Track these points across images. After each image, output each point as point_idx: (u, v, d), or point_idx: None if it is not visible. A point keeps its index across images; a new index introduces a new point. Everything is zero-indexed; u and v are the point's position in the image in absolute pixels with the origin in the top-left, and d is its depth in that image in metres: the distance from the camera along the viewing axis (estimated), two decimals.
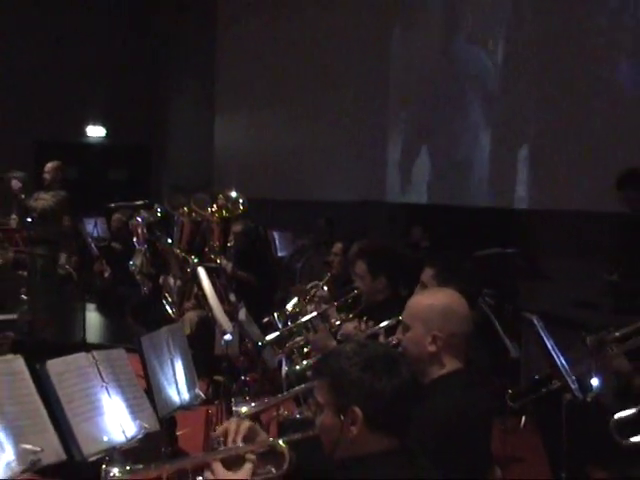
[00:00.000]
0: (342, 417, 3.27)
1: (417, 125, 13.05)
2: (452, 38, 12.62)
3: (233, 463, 3.45)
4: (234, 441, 3.58)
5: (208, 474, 3.43)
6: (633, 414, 5.40)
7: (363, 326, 6.47)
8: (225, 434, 3.63)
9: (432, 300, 4.45)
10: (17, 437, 4.39)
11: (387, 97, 13.51)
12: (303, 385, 5.43)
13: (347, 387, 3.27)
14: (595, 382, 5.97)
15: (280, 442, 3.58)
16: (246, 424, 3.64)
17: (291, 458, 3.55)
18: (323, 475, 3.54)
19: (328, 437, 3.36)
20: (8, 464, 4.30)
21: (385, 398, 3.25)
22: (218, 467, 3.40)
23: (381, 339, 5.43)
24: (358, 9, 14.08)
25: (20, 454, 4.35)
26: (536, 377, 6.68)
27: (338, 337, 6.72)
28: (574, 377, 5.89)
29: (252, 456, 3.48)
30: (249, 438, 3.60)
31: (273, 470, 3.56)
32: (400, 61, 13.41)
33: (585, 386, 5.93)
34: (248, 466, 3.43)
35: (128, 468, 3.52)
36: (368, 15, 13.89)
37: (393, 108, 13.46)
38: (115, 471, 3.50)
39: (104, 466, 3.52)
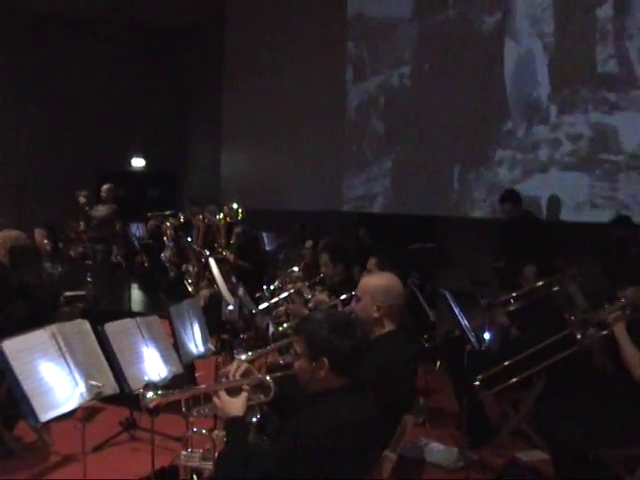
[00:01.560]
0: (314, 364, 3.32)
1: (362, 155, 13.03)
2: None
3: (233, 392, 3.51)
4: (234, 376, 3.64)
5: (215, 399, 3.50)
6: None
7: (327, 299, 6.53)
8: (228, 372, 3.70)
9: (377, 280, 4.48)
10: (86, 376, 4.42)
11: (343, 136, 13.50)
12: (284, 340, 5.46)
13: (318, 343, 3.33)
14: (487, 335, 6.03)
15: (267, 378, 3.66)
16: (244, 365, 3.70)
17: (275, 390, 3.62)
18: (296, 400, 3.58)
19: (303, 377, 3.41)
20: (81, 394, 4.32)
21: (345, 351, 3.31)
22: (223, 394, 3.48)
23: (339, 308, 5.42)
24: (320, 72, 14.07)
25: (89, 387, 4.37)
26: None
27: (309, 306, 6.75)
28: (473, 333, 5.94)
29: (247, 387, 3.55)
30: (245, 375, 3.65)
31: (262, 397, 3.65)
32: (351, 106, 13.39)
33: (480, 339, 5.98)
34: (244, 394, 3.51)
35: (160, 392, 3.57)
36: (328, 76, 13.89)
37: (346, 144, 13.45)
38: (150, 394, 3.55)
39: (141, 390, 3.58)
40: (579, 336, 4.85)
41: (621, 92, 8.43)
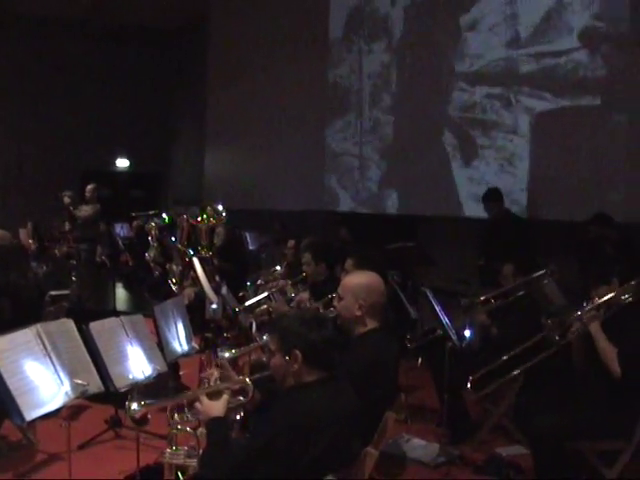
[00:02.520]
0: (287, 358, 3.38)
1: (344, 155, 13.07)
2: None
3: (214, 396, 3.59)
4: (214, 382, 3.71)
5: (197, 404, 3.59)
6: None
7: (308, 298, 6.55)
8: (209, 377, 3.78)
9: (359, 279, 4.51)
10: (71, 375, 4.41)
11: (325, 136, 13.53)
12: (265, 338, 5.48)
13: (290, 337, 3.41)
14: (467, 333, 6.06)
15: (247, 380, 3.72)
16: (223, 370, 3.77)
17: (254, 391, 3.70)
18: (275, 400, 3.62)
19: (278, 373, 3.48)
20: (67, 393, 4.32)
21: (317, 343, 3.38)
22: (204, 399, 3.56)
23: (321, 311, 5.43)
24: (303, 73, 14.08)
25: (74, 386, 4.37)
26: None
27: (292, 305, 6.76)
28: (454, 331, 5.97)
29: (227, 391, 3.63)
30: (225, 379, 3.73)
31: (242, 399, 3.71)
32: (333, 106, 13.42)
33: (461, 337, 6.01)
34: (225, 397, 3.59)
35: (143, 403, 3.64)
36: (311, 76, 13.91)
37: (328, 144, 13.47)
38: (135, 405, 3.62)
39: (127, 403, 3.64)
40: (557, 338, 4.89)
41: None
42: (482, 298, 6.40)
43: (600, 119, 8.73)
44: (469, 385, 5.51)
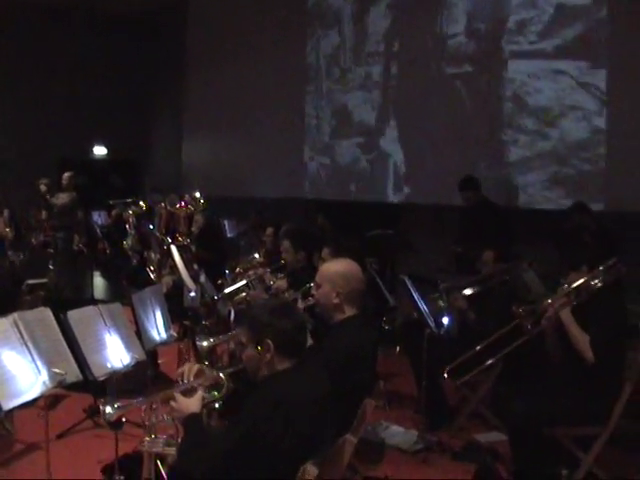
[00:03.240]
0: (259, 348, 3.39)
1: (323, 143, 13.08)
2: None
3: (189, 393, 3.58)
4: (188, 378, 3.70)
5: (172, 402, 3.56)
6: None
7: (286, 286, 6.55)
8: (182, 374, 3.76)
9: (337, 267, 4.51)
10: (49, 364, 4.40)
11: (303, 124, 13.53)
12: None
13: (261, 327, 3.41)
14: (446, 320, 6.09)
15: (221, 375, 3.73)
16: (195, 366, 3.77)
17: (229, 385, 3.69)
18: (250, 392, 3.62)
19: (251, 365, 3.49)
20: (44, 382, 4.31)
21: (288, 331, 3.40)
22: (179, 397, 3.54)
23: (300, 301, 5.42)
24: (282, 60, 14.06)
25: (51, 375, 4.36)
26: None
27: (270, 293, 6.77)
28: (432, 318, 6.00)
29: (201, 387, 3.63)
30: (199, 375, 3.72)
31: (216, 394, 3.70)
32: (311, 98, 13.43)
33: (439, 324, 6.04)
34: (199, 393, 3.58)
35: (117, 406, 3.58)
36: (289, 63, 13.90)
37: (307, 134, 13.48)
38: (109, 409, 3.57)
39: (101, 407, 3.59)
40: (529, 326, 4.92)
41: None
42: (460, 284, 6.43)
43: None
44: (445, 375, 5.53)
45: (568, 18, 8.97)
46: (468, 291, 6.33)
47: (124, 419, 3.81)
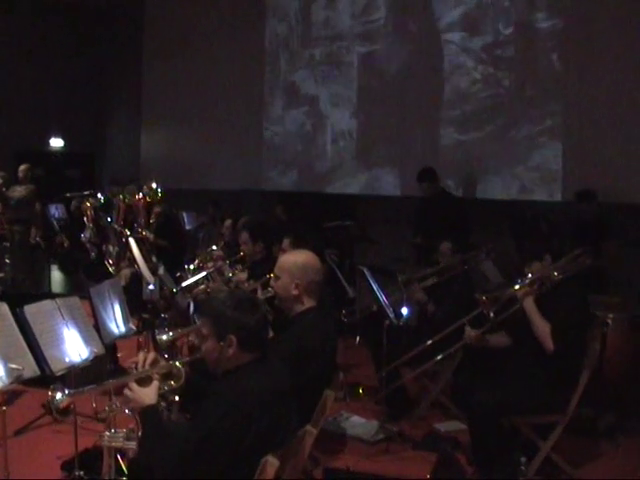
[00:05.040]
0: (222, 343, 3.34)
1: (280, 135, 13.10)
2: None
3: (144, 382, 3.50)
4: (143, 367, 3.63)
5: (127, 391, 3.48)
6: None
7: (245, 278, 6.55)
8: (136, 362, 3.68)
9: (295, 258, 4.50)
10: (5, 360, 4.35)
11: (261, 117, 13.53)
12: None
13: (224, 322, 3.36)
14: (405, 311, 6.12)
15: (177, 364, 3.66)
16: (151, 355, 3.69)
17: (186, 374, 3.64)
18: (207, 384, 3.61)
19: (212, 357, 3.43)
20: (1, 378, 4.28)
21: (252, 327, 3.35)
22: (134, 386, 3.46)
23: (259, 293, 5.42)
24: (239, 51, 14.03)
25: (8, 371, 4.32)
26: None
27: (230, 285, 6.75)
28: (392, 309, 6.03)
29: (157, 376, 3.55)
30: (154, 364, 3.64)
31: (172, 383, 3.64)
32: (270, 88, 13.42)
33: (398, 314, 6.07)
34: (155, 383, 3.50)
35: (67, 392, 3.52)
36: (246, 55, 13.88)
37: (265, 123, 13.48)
38: (59, 395, 3.51)
39: (50, 393, 3.52)
40: (492, 314, 4.96)
41: None
42: (419, 275, 6.48)
43: None
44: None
45: None
46: (426, 283, 6.39)
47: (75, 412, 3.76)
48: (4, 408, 4.39)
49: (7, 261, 11.16)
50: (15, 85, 17.52)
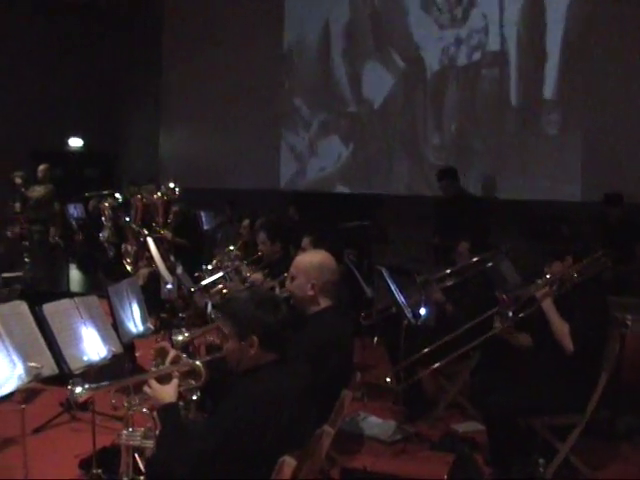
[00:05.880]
0: (243, 343, 3.35)
1: (300, 135, 13.10)
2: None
3: (164, 379, 3.51)
4: (158, 358, 3.67)
5: (146, 388, 3.50)
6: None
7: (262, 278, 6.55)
8: (160, 351, 3.72)
9: (310, 258, 4.52)
10: (24, 358, 4.38)
11: (280, 115, 13.55)
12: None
13: (246, 322, 3.36)
14: (423, 311, 6.11)
15: (197, 363, 3.66)
16: (173, 352, 3.71)
17: (206, 373, 3.63)
18: (228, 383, 3.61)
19: (233, 357, 3.43)
20: (20, 376, 4.30)
21: (273, 327, 3.36)
22: (153, 383, 3.47)
23: (276, 290, 5.44)
24: (259, 51, 14.05)
25: (27, 369, 4.34)
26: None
27: (246, 284, 6.77)
28: (410, 309, 6.02)
29: (177, 374, 3.56)
30: (175, 361, 3.66)
31: (193, 382, 3.65)
32: (287, 90, 13.44)
33: (416, 315, 6.07)
34: (175, 381, 3.51)
35: (87, 387, 3.52)
36: (267, 54, 13.89)
37: (284, 125, 13.49)
38: (79, 389, 3.51)
39: (69, 387, 3.52)
40: (510, 314, 4.94)
41: None
42: (437, 275, 6.46)
43: None
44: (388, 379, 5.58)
45: None
46: (445, 283, 6.37)
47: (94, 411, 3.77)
48: (23, 406, 4.41)
49: (26, 260, 11.25)
50: (34, 85, 17.58)
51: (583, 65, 8.92)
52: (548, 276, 4.97)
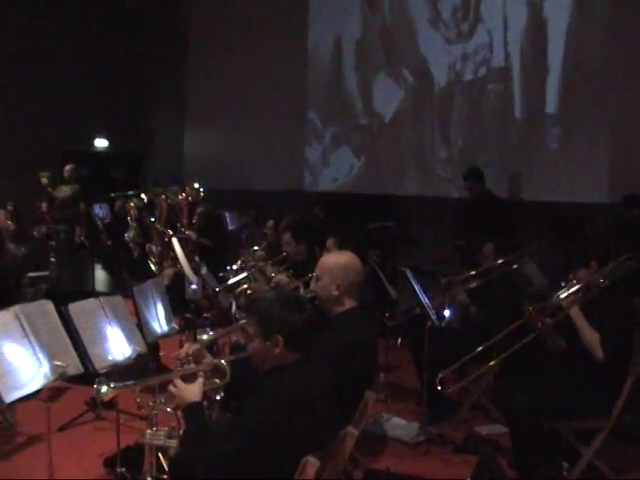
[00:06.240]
0: (268, 342, 3.35)
1: (325, 136, 13.12)
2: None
3: (189, 379, 3.51)
4: (186, 357, 3.68)
5: (171, 387, 3.50)
6: None
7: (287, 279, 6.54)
8: (185, 355, 3.72)
9: (335, 259, 4.53)
10: (50, 356, 4.41)
11: (305, 116, 13.56)
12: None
13: (271, 321, 3.37)
14: (447, 313, 6.10)
15: (222, 362, 3.66)
16: (198, 350, 3.72)
17: (231, 372, 3.63)
18: (251, 382, 3.62)
19: (258, 357, 3.45)
20: (46, 375, 4.33)
21: (298, 327, 3.36)
22: (178, 382, 3.48)
23: (301, 291, 5.45)
24: (284, 52, 14.07)
25: (53, 368, 4.37)
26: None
27: (271, 285, 6.77)
28: (434, 310, 6.01)
29: (202, 373, 3.56)
30: (199, 360, 3.68)
31: (217, 381, 3.65)
32: (315, 92, 13.45)
33: (441, 316, 6.06)
34: (200, 380, 3.51)
35: (112, 386, 3.53)
36: (292, 56, 13.91)
37: (309, 124, 13.51)
38: (104, 388, 3.51)
39: (95, 386, 3.53)
40: (539, 324, 4.90)
41: None
42: (462, 277, 6.44)
43: None
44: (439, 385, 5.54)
45: None
46: (469, 285, 6.35)
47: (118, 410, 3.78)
48: (49, 404, 4.44)
49: (52, 260, 11.32)
50: (61, 86, 17.69)
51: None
52: (574, 283, 4.92)
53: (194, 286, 7.06)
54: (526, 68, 9.82)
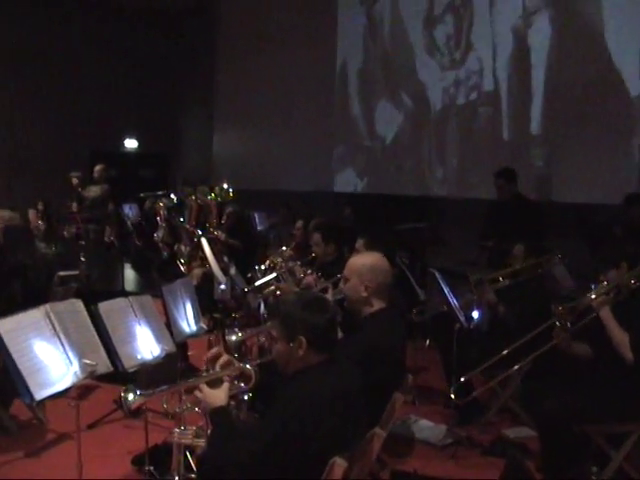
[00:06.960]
0: (291, 344, 3.35)
1: (354, 137, 13.12)
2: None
3: (214, 383, 3.51)
4: (211, 361, 3.66)
5: (197, 392, 3.50)
6: None
7: (313, 280, 6.53)
8: (213, 358, 3.70)
9: (364, 260, 4.52)
10: (80, 355, 4.43)
11: (334, 117, 13.57)
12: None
13: (294, 323, 3.37)
14: (475, 314, 6.08)
15: (247, 366, 3.67)
16: (224, 357, 3.70)
17: (257, 376, 3.64)
18: (277, 385, 3.62)
19: (282, 359, 3.45)
20: (75, 373, 4.35)
21: (321, 327, 3.36)
22: (204, 387, 3.47)
23: (330, 292, 5.45)
24: (314, 53, 14.07)
25: (82, 366, 4.39)
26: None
27: (301, 286, 6.77)
28: (462, 312, 6.00)
29: (227, 378, 3.56)
30: (225, 365, 3.65)
31: (243, 385, 3.67)
32: (341, 94, 13.46)
33: (469, 318, 6.04)
34: (225, 384, 3.51)
35: (139, 393, 3.53)
36: (321, 57, 13.91)
37: (337, 128, 13.51)
38: (131, 396, 3.52)
39: (122, 394, 3.54)
40: (569, 324, 4.87)
41: None
42: (491, 276, 6.41)
43: None
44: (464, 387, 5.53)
45: None
46: (498, 285, 6.32)
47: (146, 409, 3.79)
48: (78, 402, 4.46)
49: (82, 259, 11.38)
50: (91, 87, 17.83)
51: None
52: (604, 284, 4.88)
53: (223, 286, 7.08)
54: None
